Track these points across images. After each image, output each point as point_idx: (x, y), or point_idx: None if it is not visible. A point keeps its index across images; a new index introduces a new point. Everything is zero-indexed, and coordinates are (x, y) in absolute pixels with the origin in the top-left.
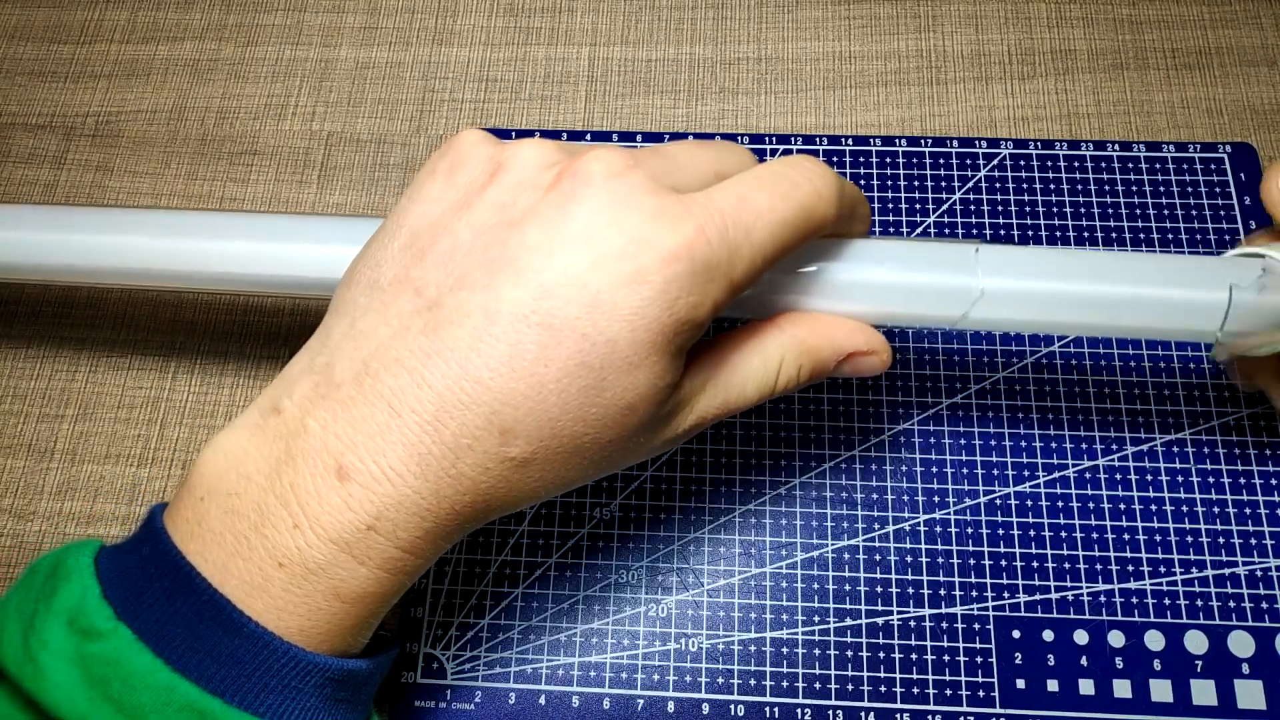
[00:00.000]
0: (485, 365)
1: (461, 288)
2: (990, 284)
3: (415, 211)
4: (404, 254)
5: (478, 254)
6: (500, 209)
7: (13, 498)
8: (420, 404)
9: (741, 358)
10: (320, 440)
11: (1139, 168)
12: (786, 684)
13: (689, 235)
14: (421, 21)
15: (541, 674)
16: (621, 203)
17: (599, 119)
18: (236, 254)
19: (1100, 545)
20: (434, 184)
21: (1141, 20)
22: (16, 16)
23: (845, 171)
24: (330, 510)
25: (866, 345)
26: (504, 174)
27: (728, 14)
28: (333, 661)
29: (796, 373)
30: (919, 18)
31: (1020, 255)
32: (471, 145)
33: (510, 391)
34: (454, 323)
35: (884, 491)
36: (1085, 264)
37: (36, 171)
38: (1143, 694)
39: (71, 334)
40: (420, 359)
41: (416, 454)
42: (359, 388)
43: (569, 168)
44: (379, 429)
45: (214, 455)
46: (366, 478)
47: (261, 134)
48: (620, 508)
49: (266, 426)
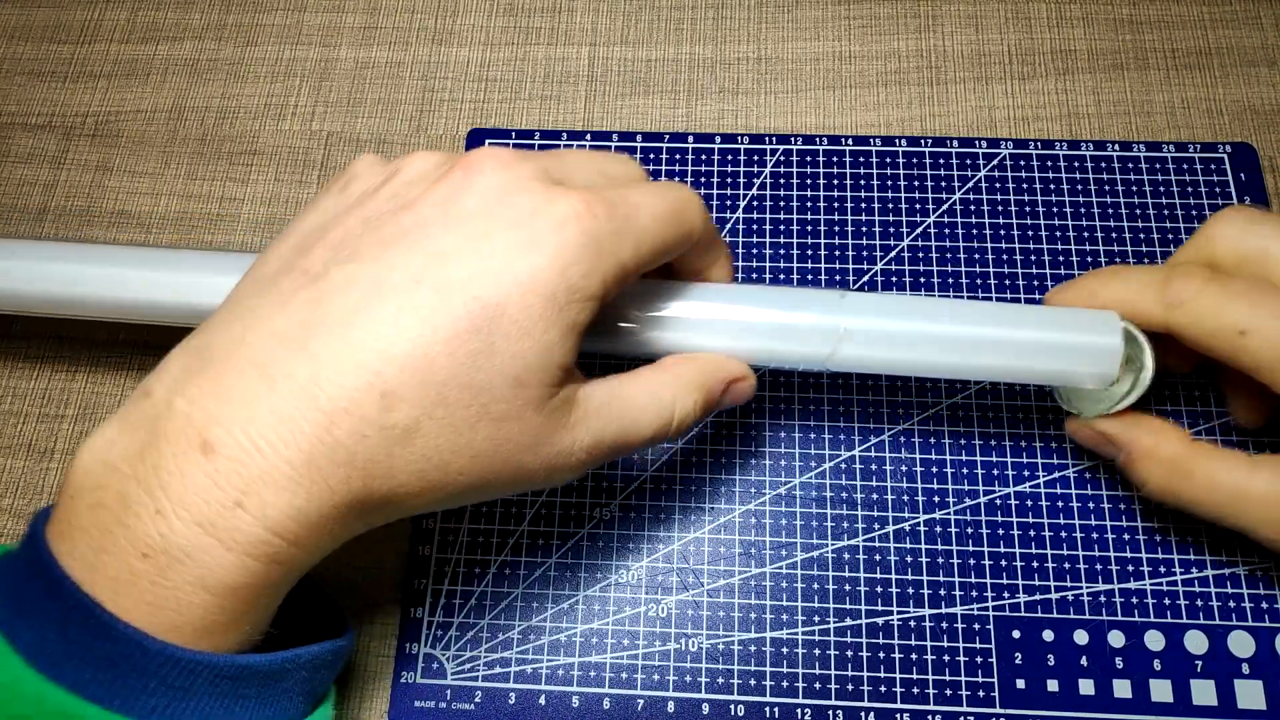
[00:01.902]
0: (370, 328)
1: (350, 261)
2: (856, 324)
3: (308, 219)
4: (292, 251)
5: (369, 235)
6: (393, 199)
7: (13, 498)
8: (295, 368)
9: (637, 394)
10: (185, 417)
11: (1139, 168)
12: (786, 684)
13: (578, 208)
14: (421, 21)
15: (541, 674)
16: (512, 187)
17: (599, 119)
18: None
19: (1100, 545)
20: (327, 197)
21: (1142, 20)
22: (16, 16)
23: (845, 171)
24: (194, 490)
25: (740, 372)
26: (396, 177)
27: (728, 14)
28: (219, 659)
29: (692, 407)
30: (919, 18)
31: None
32: (365, 164)
33: (396, 354)
34: (338, 292)
35: (884, 491)
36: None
37: (36, 171)
38: (1143, 694)
39: (71, 334)
40: (299, 328)
41: (289, 421)
42: (229, 360)
43: (460, 162)
44: (248, 397)
45: (84, 451)
46: (234, 449)
47: (261, 134)
48: (620, 508)
49: (133, 413)
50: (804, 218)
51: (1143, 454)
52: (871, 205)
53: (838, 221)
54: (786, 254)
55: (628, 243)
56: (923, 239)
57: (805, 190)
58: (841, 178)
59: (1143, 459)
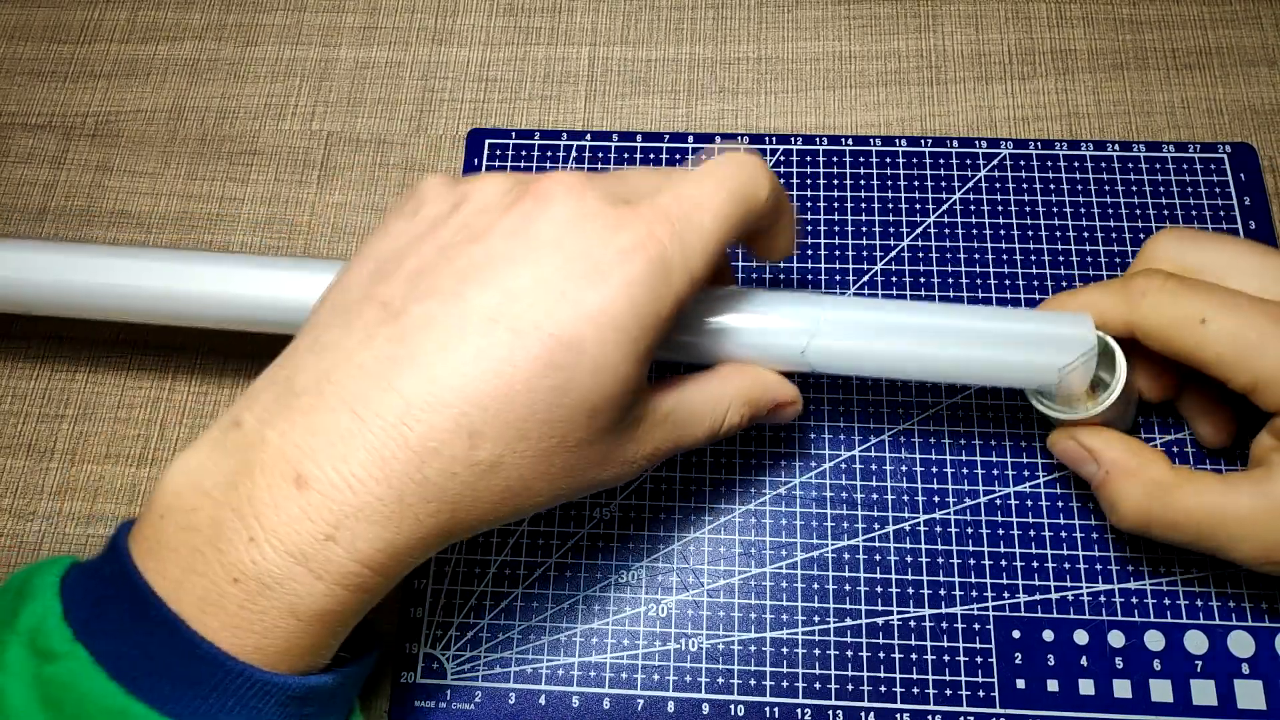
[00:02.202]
0: (453, 369)
1: (428, 297)
2: (831, 315)
3: (382, 245)
4: (370, 278)
5: (444, 267)
6: (464, 229)
7: (13, 498)
8: (385, 409)
9: (698, 404)
10: (278, 450)
11: (1139, 168)
12: (786, 684)
13: (642, 235)
14: (421, 21)
15: (541, 674)
16: (580, 214)
17: (599, 119)
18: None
19: (1100, 545)
20: (400, 221)
21: (1142, 20)
22: (16, 16)
23: (845, 171)
24: (287, 521)
25: (791, 396)
26: (467, 204)
27: (728, 14)
28: (292, 680)
29: (740, 419)
30: (919, 18)
31: (858, 300)
32: (434, 187)
33: (479, 393)
34: (420, 330)
35: (884, 491)
36: (920, 305)
37: (36, 171)
38: (1143, 694)
39: (71, 334)
40: (385, 365)
41: (380, 459)
42: (319, 395)
43: (530, 189)
44: (341, 435)
45: (174, 473)
46: (326, 485)
47: (261, 134)
48: (620, 508)
49: (226, 441)
50: (804, 218)
51: (1124, 472)
52: (871, 205)
53: (838, 221)
54: None
55: (695, 254)
56: (923, 239)
57: (805, 190)
58: (841, 178)
59: (1122, 478)
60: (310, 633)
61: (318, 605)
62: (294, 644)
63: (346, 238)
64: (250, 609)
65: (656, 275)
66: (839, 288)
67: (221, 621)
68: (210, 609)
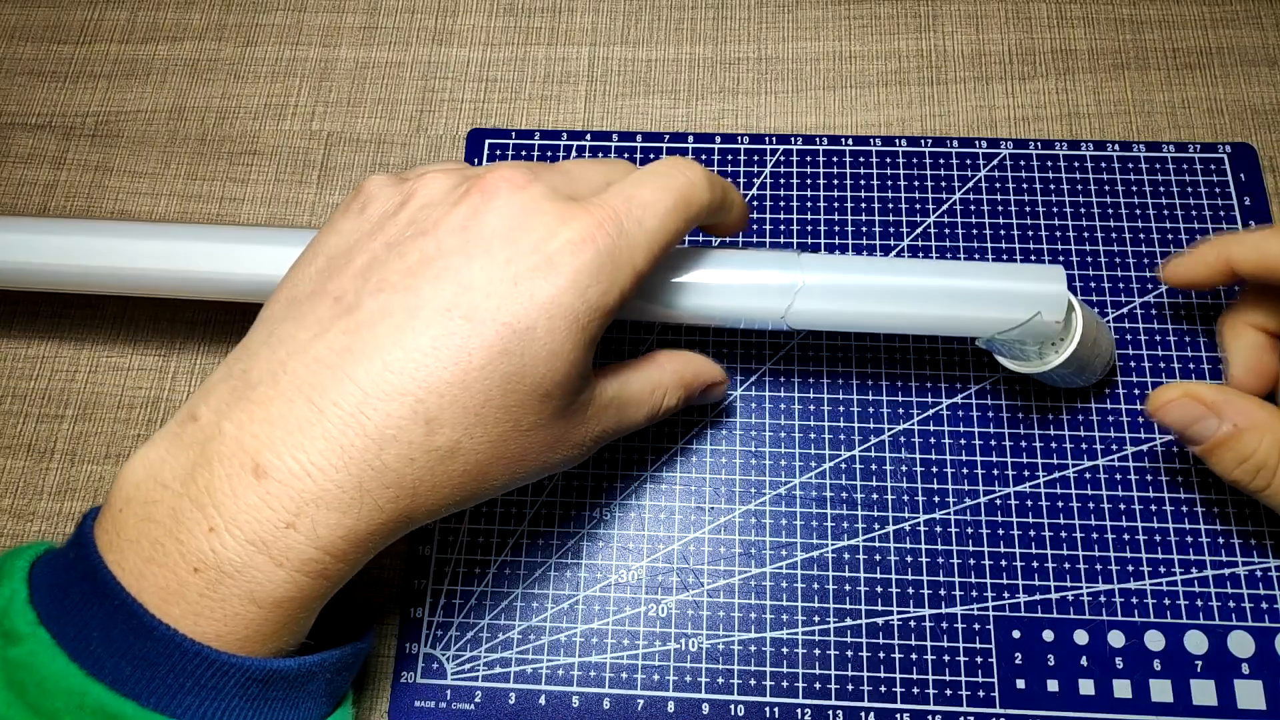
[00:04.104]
0: (409, 357)
1: (381, 290)
2: (811, 278)
3: (330, 241)
4: (320, 274)
5: (394, 262)
6: (412, 224)
7: (13, 498)
8: (342, 398)
9: (638, 388)
10: (236, 441)
11: (1139, 168)
12: (786, 684)
13: (590, 228)
14: (421, 21)
15: (541, 674)
16: (526, 208)
17: (599, 119)
18: (182, 254)
19: (1100, 545)
20: (346, 220)
21: (1142, 20)
22: (16, 16)
23: (845, 171)
24: (247, 509)
25: (718, 376)
26: (413, 200)
27: (728, 14)
28: (252, 662)
29: (675, 401)
30: (919, 18)
31: (836, 258)
32: (379, 185)
33: (436, 381)
34: (375, 322)
35: (884, 491)
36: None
37: (36, 171)
38: (1143, 694)
39: (71, 334)
40: (341, 355)
41: (338, 447)
42: (275, 386)
43: (474, 185)
44: (298, 424)
45: (133, 467)
46: (285, 474)
47: (261, 134)
48: (620, 508)
49: (183, 435)
50: (804, 218)
51: (1255, 425)
52: (871, 205)
53: (838, 221)
54: None
55: (640, 250)
56: (923, 239)
57: (805, 190)
58: (841, 178)
59: (1253, 430)
60: (271, 620)
61: (278, 592)
62: (254, 631)
63: None
64: (210, 597)
65: (604, 266)
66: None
67: (183, 610)
68: (171, 598)
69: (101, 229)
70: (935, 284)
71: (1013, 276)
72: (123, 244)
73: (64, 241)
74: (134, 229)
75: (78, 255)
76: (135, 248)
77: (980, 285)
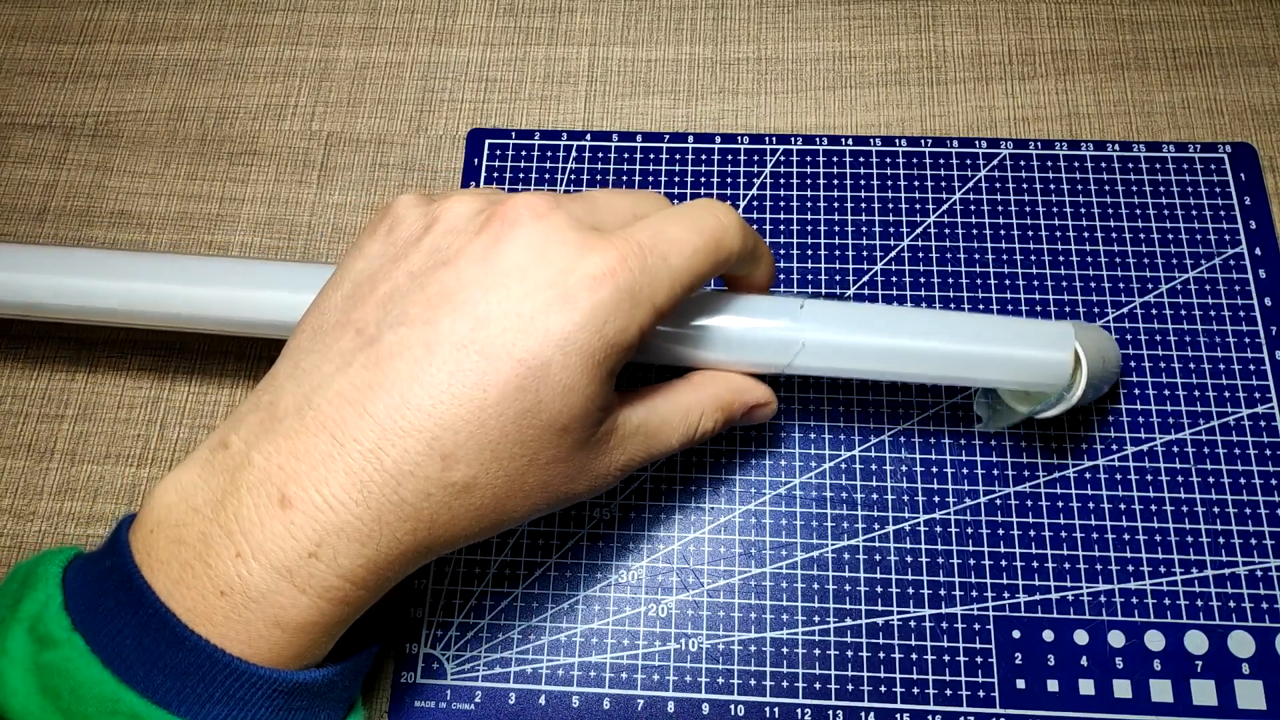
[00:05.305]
0: (426, 393)
1: (401, 324)
2: (812, 335)
3: (356, 266)
4: (345, 301)
5: (415, 293)
6: (435, 253)
7: (13, 498)
8: (362, 433)
9: (669, 413)
10: (264, 472)
11: (1139, 168)
12: (786, 684)
13: (611, 262)
14: (421, 21)
15: (541, 674)
16: (548, 239)
17: (599, 119)
18: (203, 299)
19: (1100, 545)
20: (373, 242)
21: (1142, 20)
22: (16, 16)
23: (845, 171)
24: (273, 538)
25: (765, 398)
26: (437, 225)
27: (728, 14)
28: (280, 674)
29: (713, 425)
30: (919, 18)
31: (841, 309)
32: (406, 206)
33: (451, 417)
34: (394, 356)
35: (884, 491)
36: (904, 315)
37: (36, 171)
38: (1143, 694)
39: (71, 334)
40: (361, 391)
41: (358, 482)
42: (301, 420)
43: (497, 212)
44: (321, 459)
45: (165, 489)
46: (309, 506)
47: (261, 134)
48: (620, 508)
49: (214, 461)
50: (804, 218)
51: None
52: (871, 205)
53: (838, 221)
54: (786, 254)
55: (662, 288)
56: (923, 239)
57: (805, 190)
58: (841, 178)
59: None
60: (295, 643)
61: (302, 617)
62: (278, 653)
63: (346, 238)
64: (236, 620)
65: (623, 303)
66: (839, 287)
67: (209, 631)
68: (199, 619)
69: (98, 266)
70: (939, 349)
71: (1019, 342)
72: (122, 286)
73: (59, 282)
74: (134, 266)
75: (73, 297)
76: (134, 290)
77: (985, 351)
